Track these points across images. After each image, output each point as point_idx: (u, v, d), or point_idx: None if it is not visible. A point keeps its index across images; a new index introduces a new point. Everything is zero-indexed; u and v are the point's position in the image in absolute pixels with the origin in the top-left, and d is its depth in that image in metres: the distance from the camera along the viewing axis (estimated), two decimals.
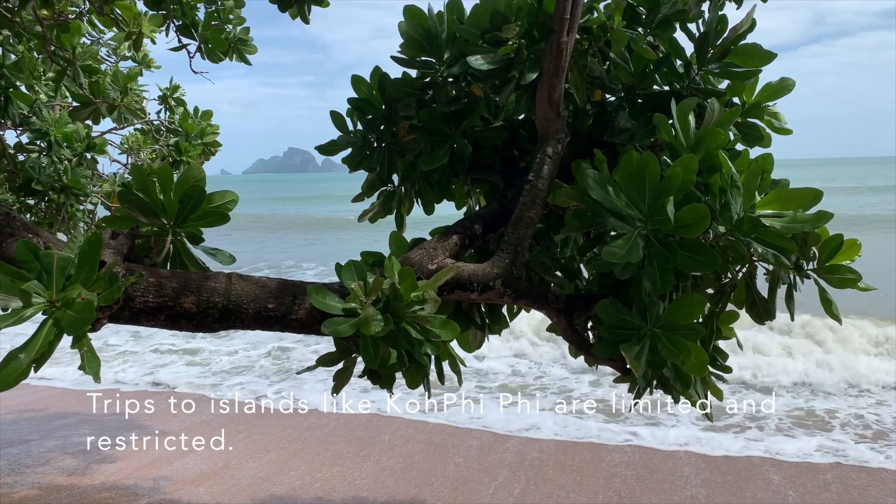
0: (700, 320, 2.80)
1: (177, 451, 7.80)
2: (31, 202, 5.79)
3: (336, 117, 3.34)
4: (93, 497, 6.58)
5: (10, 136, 5.92)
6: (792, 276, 2.71)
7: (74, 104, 5.71)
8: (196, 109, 6.79)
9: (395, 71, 3.25)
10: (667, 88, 3.06)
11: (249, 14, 5.94)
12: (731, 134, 2.95)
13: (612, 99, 3.16)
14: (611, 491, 6.63)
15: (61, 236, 5.63)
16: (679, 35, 3.02)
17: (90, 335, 1.95)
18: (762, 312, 2.77)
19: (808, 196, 2.41)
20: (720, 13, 2.95)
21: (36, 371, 1.81)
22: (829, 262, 2.61)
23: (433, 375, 2.71)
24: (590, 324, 3.07)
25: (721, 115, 2.63)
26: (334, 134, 3.39)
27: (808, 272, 2.66)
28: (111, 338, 13.13)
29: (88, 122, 5.75)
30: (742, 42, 2.91)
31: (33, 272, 1.84)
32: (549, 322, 2.95)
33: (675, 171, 2.28)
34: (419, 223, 3.47)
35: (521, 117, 3.31)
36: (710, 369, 2.85)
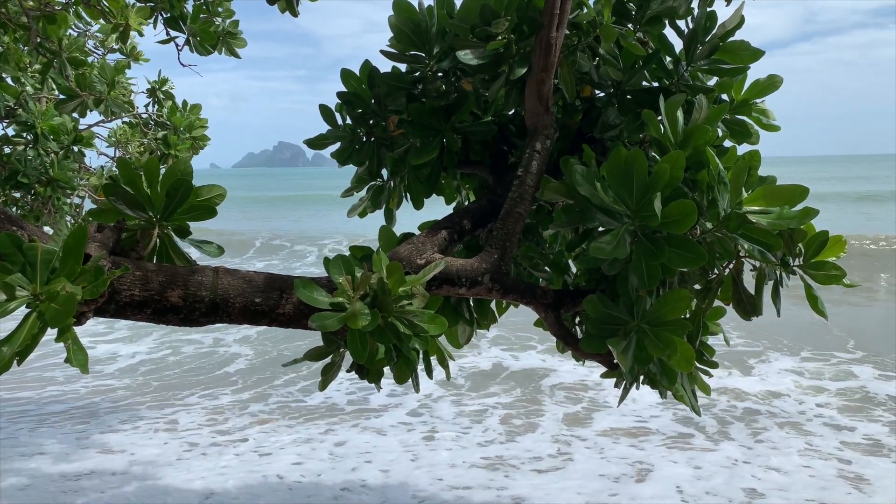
0: (687, 316, 2.81)
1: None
2: (17, 195, 5.75)
3: (325, 111, 3.33)
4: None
5: None
6: (778, 273, 2.72)
7: (61, 97, 5.66)
8: (185, 103, 6.76)
9: (385, 65, 3.25)
10: (656, 85, 3.07)
11: (241, 7, 5.92)
12: (719, 130, 2.96)
13: (601, 95, 3.17)
14: None
15: (48, 229, 5.59)
16: (668, 31, 3.03)
17: (76, 328, 1.94)
18: (749, 308, 2.79)
19: (795, 193, 2.43)
20: (709, 10, 2.95)
21: (19, 364, 1.80)
22: (814, 258, 2.63)
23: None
24: (577, 319, 3.08)
25: (709, 112, 2.64)
26: (325, 128, 3.38)
27: (795, 268, 2.68)
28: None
29: (75, 114, 5.71)
30: (731, 39, 2.92)
31: (17, 265, 1.83)
32: (537, 317, 2.95)
33: (662, 168, 2.29)
34: (409, 217, 3.47)
35: (510, 112, 3.31)
36: (697, 364, 2.86)
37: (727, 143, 3.01)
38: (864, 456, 7.18)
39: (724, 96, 3.08)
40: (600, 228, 2.55)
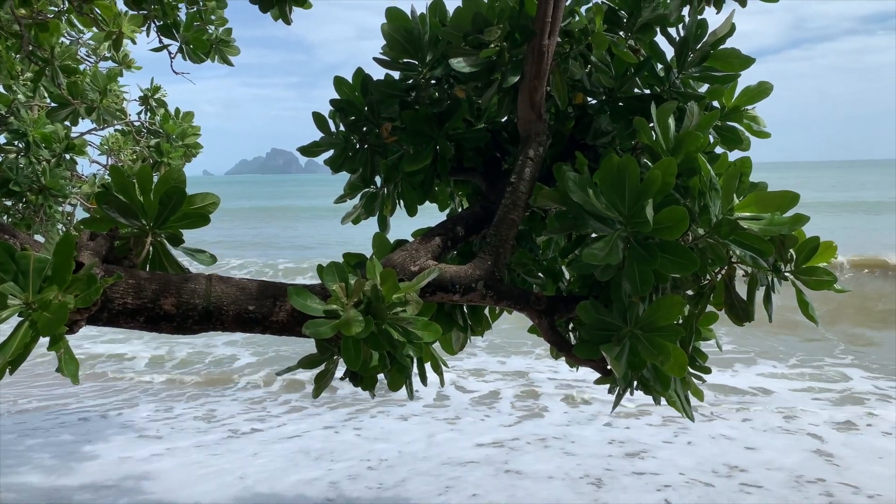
0: (680, 321, 2.82)
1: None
2: (9, 203, 5.72)
3: (318, 118, 3.33)
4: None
5: None
6: (770, 278, 2.74)
7: (53, 105, 5.65)
8: (177, 111, 6.75)
9: (379, 72, 3.26)
10: (647, 92, 3.09)
11: (233, 14, 5.93)
12: (710, 137, 2.98)
13: (594, 102, 3.18)
14: None
15: (39, 238, 5.55)
16: (660, 39, 3.05)
17: (67, 337, 1.93)
18: (741, 314, 2.80)
19: (786, 199, 2.45)
20: (700, 17, 2.98)
21: (11, 373, 1.79)
22: (805, 263, 2.65)
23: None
24: (571, 325, 3.08)
25: (700, 119, 2.66)
26: (318, 135, 3.38)
27: (786, 274, 2.70)
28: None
29: (67, 122, 5.69)
30: (721, 46, 2.95)
31: (9, 274, 1.82)
32: (531, 323, 2.96)
33: (654, 174, 2.30)
34: (402, 224, 3.48)
35: (503, 119, 3.32)
36: (690, 370, 2.87)
37: (718, 150, 3.02)
38: (840, 433, 7.94)
39: (716, 103, 3.10)
40: (593, 235, 2.56)
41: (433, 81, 3.20)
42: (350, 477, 6.86)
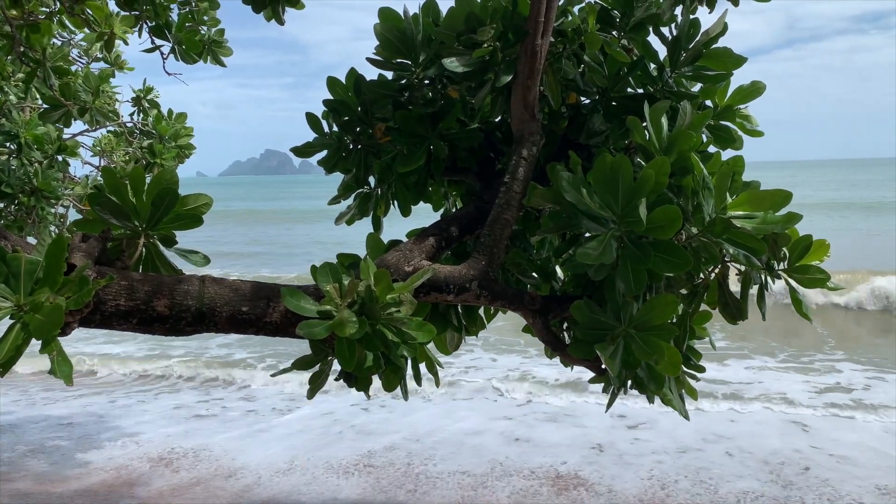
0: (674, 320, 2.83)
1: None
2: (1, 205, 5.69)
3: (311, 119, 3.32)
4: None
5: None
6: (763, 277, 2.75)
7: (45, 106, 5.62)
8: (170, 112, 6.73)
9: (372, 73, 3.25)
10: (640, 91, 3.09)
11: (226, 15, 5.91)
12: (703, 136, 2.99)
13: (587, 101, 3.19)
14: None
15: (31, 240, 5.53)
16: (652, 39, 3.06)
17: (60, 339, 1.92)
18: (735, 312, 2.81)
19: (779, 197, 2.45)
20: (692, 17, 2.99)
21: (2, 375, 1.78)
22: (798, 262, 2.66)
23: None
24: (565, 324, 3.09)
25: (693, 118, 2.67)
26: (312, 135, 3.37)
27: (779, 272, 2.71)
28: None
29: (59, 124, 5.67)
30: (714, 46, 2.96)
31: (0, 276, 1.81)
32: (525, 323, 2.96)
33: (647, 174, 2.30)
34: (396, 225, 3.47)
35: (497, 119, 3.32)
36: (684, 369, 2.88)
37: (711, 149, 3.03)
38: (820, 409, 8.75)
39: (708, 102, 3.11)
40: (587, 234, 2.56)
41: (426, 81, 3.20)
42: (387, 448, 7.70)
